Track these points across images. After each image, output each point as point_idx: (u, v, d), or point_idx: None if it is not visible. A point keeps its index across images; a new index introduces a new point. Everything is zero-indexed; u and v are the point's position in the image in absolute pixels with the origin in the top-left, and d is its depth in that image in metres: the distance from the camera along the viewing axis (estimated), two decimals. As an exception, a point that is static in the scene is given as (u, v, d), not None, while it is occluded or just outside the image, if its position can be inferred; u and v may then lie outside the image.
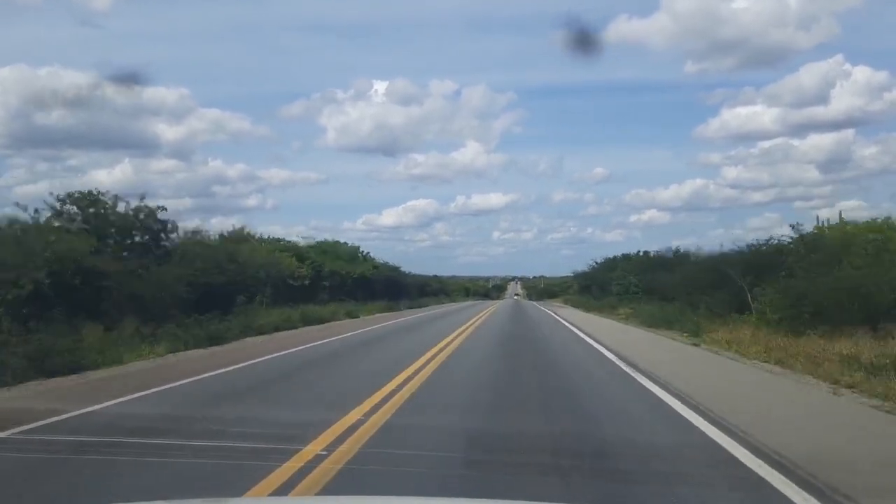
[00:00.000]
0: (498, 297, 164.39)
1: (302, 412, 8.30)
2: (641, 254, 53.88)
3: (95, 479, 5.34)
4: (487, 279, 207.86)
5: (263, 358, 14.64)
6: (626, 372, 12.45)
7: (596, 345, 18.21)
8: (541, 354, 16.31)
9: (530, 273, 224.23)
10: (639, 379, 11.44)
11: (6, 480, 5.41)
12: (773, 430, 7.14)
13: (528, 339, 21.33)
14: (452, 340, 19.24)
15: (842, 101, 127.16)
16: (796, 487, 5.14)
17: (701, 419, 7.85)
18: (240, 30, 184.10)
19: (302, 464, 5.47)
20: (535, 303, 74.76)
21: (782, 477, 5.41)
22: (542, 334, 23.76)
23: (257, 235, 36.73)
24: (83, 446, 6.33)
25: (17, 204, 17.20)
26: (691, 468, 5.87)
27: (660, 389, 10.15)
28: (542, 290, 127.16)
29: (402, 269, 65.08)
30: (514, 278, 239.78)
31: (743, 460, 6.01)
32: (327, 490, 4.89)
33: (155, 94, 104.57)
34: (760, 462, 5.90)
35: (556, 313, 42.50)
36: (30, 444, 6.49)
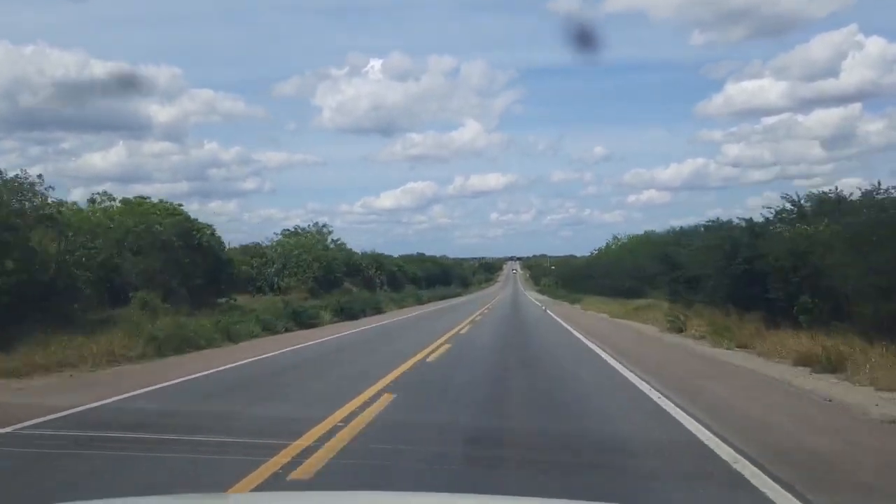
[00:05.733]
0: (489, 281, 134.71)
1: None
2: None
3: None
4: (479, 259, 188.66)
5: None
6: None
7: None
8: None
9: (529, 254, 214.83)
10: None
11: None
12: None
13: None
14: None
15: (853, 74, 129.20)
16: None
17: None
18: (230, 11, 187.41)
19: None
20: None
21: None
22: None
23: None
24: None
25: None
26: None
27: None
28: (561, 273, 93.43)
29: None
30: (511, 258, 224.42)
31: None
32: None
33: (146, 74, 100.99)
34: None
35: None
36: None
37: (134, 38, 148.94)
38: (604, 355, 14.49)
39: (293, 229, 38.10)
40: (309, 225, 39.25)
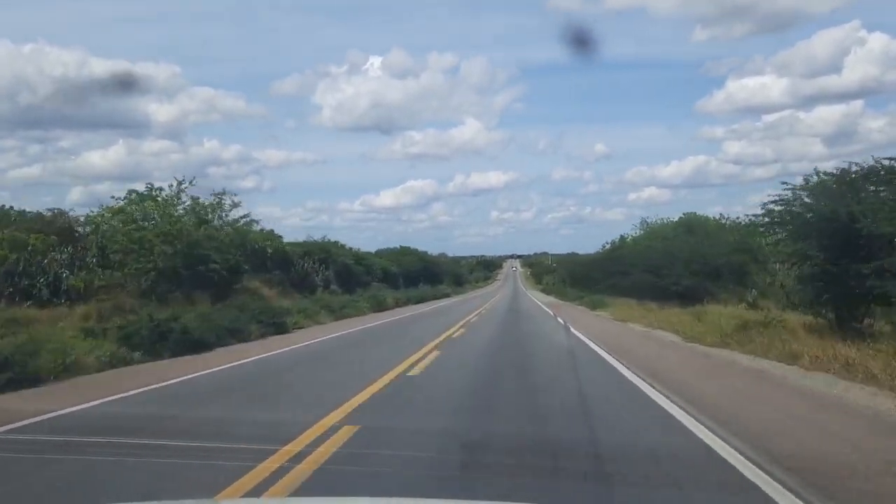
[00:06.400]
0: (487, 280, 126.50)
1: None
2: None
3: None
4: (478, 258, 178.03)
5: None
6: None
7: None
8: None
9: (530, 252, 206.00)
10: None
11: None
12: None
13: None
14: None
15: (855, 71, 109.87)
16: None
17: None
18: (229, 9, 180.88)
19: None
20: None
21: None
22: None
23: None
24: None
25: None
26: None
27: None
28: (568, 270, 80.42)
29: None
30: (511, 256, 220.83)
31: None
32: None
33: (146, 72, 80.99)
34: None
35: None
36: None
37: (133, 36, 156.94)
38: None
39: (147, 191, 22.37)
40: (171, 186, 22.87)
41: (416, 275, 62.74)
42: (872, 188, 14.16)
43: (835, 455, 6.02)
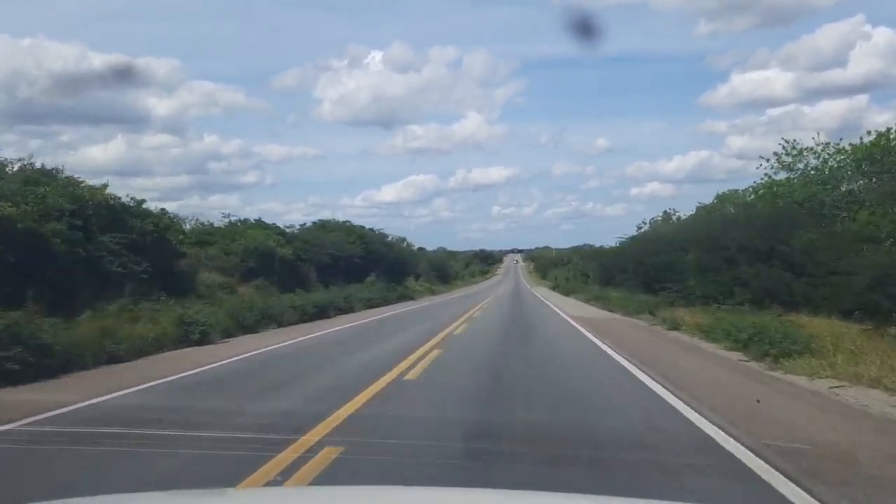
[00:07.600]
0: (485, 274, 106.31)
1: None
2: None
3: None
4: (475, 252, 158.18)
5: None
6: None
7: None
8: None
9: (531, 246, 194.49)
10: None
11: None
12: None
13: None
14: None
15: (860, 65, 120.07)
16: None
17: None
18: (229, 2, 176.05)
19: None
20: None
21: None
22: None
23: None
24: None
25: None
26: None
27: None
28: (583, 263, 55.22)
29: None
30: (512, 250, 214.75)
31: None
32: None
33: (145, 66, 75.65)
34: None
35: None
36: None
37: (133, 30, 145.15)
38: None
39: None
40: None
41: (356, 264, 38.01)
42: None
43: None
